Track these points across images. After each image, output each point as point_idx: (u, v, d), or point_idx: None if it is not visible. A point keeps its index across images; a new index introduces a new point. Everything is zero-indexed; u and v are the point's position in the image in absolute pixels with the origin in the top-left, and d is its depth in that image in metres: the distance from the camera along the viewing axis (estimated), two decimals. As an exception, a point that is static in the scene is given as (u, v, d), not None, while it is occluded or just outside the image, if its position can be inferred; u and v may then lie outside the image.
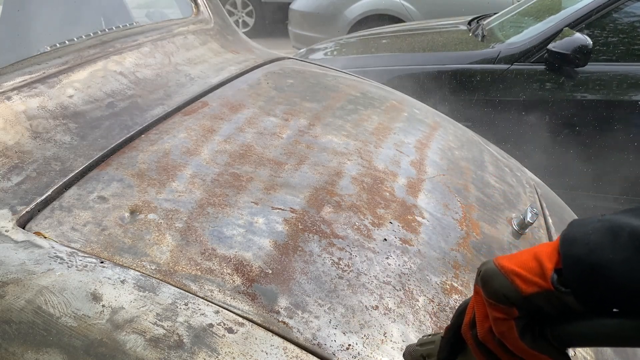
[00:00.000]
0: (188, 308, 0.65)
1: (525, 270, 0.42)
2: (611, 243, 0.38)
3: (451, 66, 2.79)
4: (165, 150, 0.99)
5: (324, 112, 1.29)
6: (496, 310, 0.44)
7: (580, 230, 0.41)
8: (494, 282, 0.44)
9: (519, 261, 0.43)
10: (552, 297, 0.41)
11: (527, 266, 0.42)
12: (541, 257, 0.42)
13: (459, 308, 0.53)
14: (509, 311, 0.43)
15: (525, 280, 0.42)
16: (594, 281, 0.39)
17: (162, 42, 1.40)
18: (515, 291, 0.42)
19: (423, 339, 0.61)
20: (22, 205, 0.78)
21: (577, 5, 2.79)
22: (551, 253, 0.42)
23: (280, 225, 0.84)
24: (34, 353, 0.60)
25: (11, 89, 0.98)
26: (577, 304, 0.40)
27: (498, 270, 0.44)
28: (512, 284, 0.42)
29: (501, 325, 0.44)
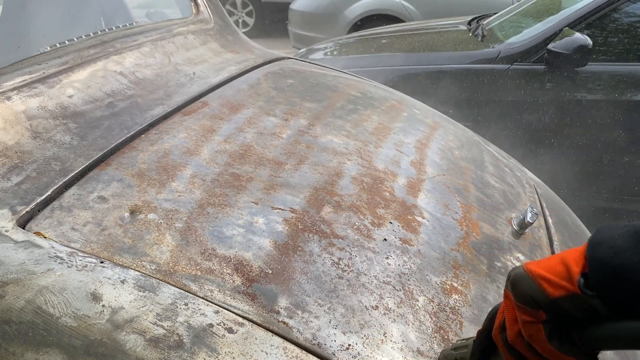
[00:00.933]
0: (188, 308, 0.65)
1: (552, 274, 0.43)
2: (636, 246, 0.39)
3: (451, 66, 2.79)
4: (165, 150, 0.99)
5: (324, 112, 1.29)
6: (525, 314, 0.45)
7: (606, 235, 0.42)
8: (522, 285, 0.45)
9: (546, 266, 0.44)
10: (578, 300, 0.42)
11: (555, 270, 0.44)
12: (568, 262, 0.43)
13: (490, 312, 0.54)
14: (537, 314, 0.44)
15: (553, 283, 0.43)
16: (618, 284, 0.39)
17: (162, 42, 1.40)
18: (543, 294, 0.43)
19: (457, 343, 0.63)
20: (22, 205, 0.78)
21: (577, 5, 2.79)
22: (578, 257, 0.43)
23: (280, 225, 0.84)
24: (34, 353, 0.60)
25: (11, 89, 0.98)
26: (603, 307, 0.41)
27: (527, 274, 0.45)
28: (539, 287, 0.44)
29: (530, 328, 0.45)
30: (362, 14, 5.45)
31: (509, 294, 0.47)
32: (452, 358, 0.63)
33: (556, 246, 1.14)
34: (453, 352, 0.63)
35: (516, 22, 3.21)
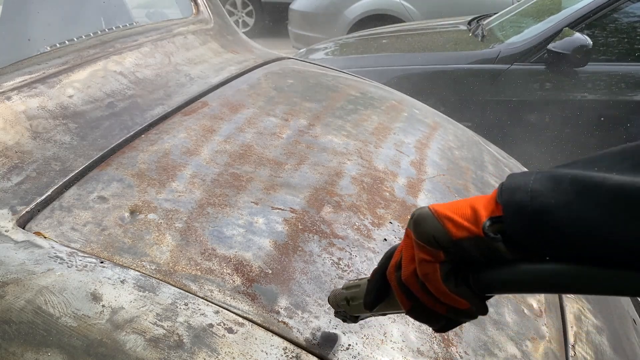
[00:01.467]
0: (188, 308, 0.65)
1: (458, 216, 0.43)
2: (553, 189, 0.39)
3: (451, 66, 2.79)
4: (165, 150, 0.99)
5: (324, 112, 1.29)
6: (423, 252, 0.45)
7: (521, 180, 0.41)
8: (426, 224, 0.45)
9: (453, 207, 0.44)
10: (481, 243, 0.42)
11: (461, 212, 0.43)
12: (476, 205, 0.43)
13: (387, 252, 0.54)
14: (436, 254, 0.44)
15: (457, 224, 0.43)
16: (536, 226, 0.39)
17: (162, 42, 1.40)
18: (446, 234, 0.43)
19: (349, 283, 0.61)
20: (22, 205, 0.78)
21: (577, 5, 2.79)
22: (487, 202, 0.43)
23: (280, 225, 0.84)
24: (34, 353, 0.60)
25: (11, 89, 0.98)
26: (506, 250, 0.41)
27: (432, 214, 0.45)
28: (443, 227, 0.43)
29: (426, 267, 0.45)
30: (362, 14, 5.45)
31: (410, 232, 0.47)
32: (342, 297, 0.61)
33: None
34: (344, 291, 0.61)
35: (516, 22, 3.21)
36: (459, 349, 0.73)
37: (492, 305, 0.84)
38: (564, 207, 0.38)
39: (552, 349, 0.82)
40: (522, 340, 0.80)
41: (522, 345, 0.79)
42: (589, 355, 0.85)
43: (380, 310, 0.56)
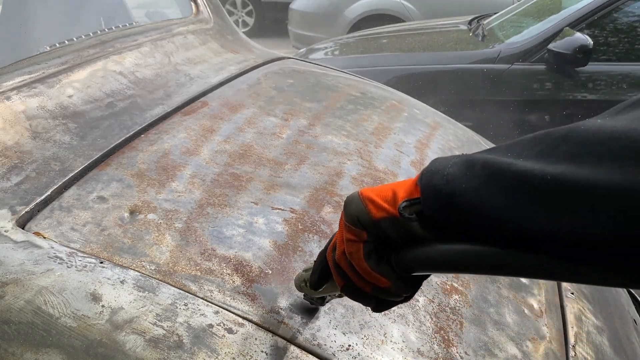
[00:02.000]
0: (188, 308, 0.65)
1: (379, 198, 0.46)
2: (465, 174, 0.41)
3: (451, 66, 2.79)
4: (165, 150, 0.99)
5: (324, 112, 1.29)
6: (349, 233, 0.48)
7: (440, 164, 0.44)
8: (352, 206, 0.48)
9: (378, 191, 0.47)
10: (398, 223, 0.44)
11: (383, 195, 0.46)
12: (397, 188, 0.46)
13: (333, 235, 0.56)
14: (360, 234, 0.47)
15: (377, 205, 0.46)
16: (449, 209, 0.41)
17: (162, 42, 1.40)
18: (367, 215, 0.46)
19: (308, 265, 0.65)
20: (21, 206, 0.78)
21: (577, 5, 2.79)
22: (408, 185, 0.46)
23: (280, 226, 0.84)
24: (34, 353, 0.59)
25: (11, 88, 0.98)
26: (421, 231, 0.44)
27: (357, 196, 0.48)
28: (365, 208, 0.46)
29: (351, 246, 0.48)
30: (362, 14, 5.45)
31: (341, 220, 0.50)
32: (302, 279, 0.65)
33: (556, 246, 1.14)
34: (304, 273, 0.65)
35: (516, 22, 3.21)
36: (459, 350, 0.73)
37: (492, 305, 0.84)
38: (473, 191, 0.40)
39: (553, 349, 0.81)
40: (523, 340, 0.80)
41: (523, 346, 0.79)
42: (589, 355, 0.85)
43: (327, 291, 0.60)
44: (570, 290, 0.99)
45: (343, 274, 0.51)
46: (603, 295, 1.10)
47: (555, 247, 0.36)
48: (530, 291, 0.93)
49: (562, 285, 1.00)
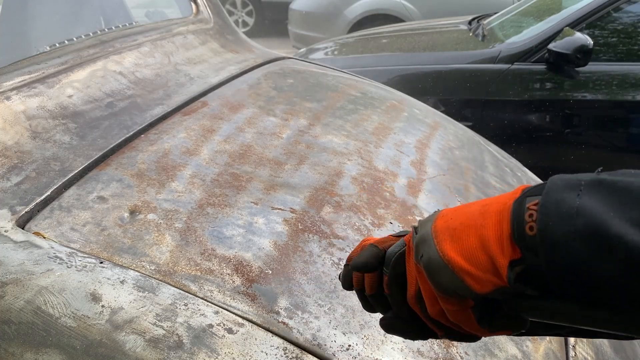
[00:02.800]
0: (188, 308, 0.65)
1: (476, 268, 0.39)
2: (600, 258, 0.34)
3: (451, 66, 2.79)
4: (164, 150, 0.99)
5: (324, 112, 1.29)
6: (449, 303, 0.42)
7: (561, 230, 0.35)
8: (443, 277, 0.41)
9: (466, 252, 0.40)
10: (507, 291, 0.38)
11: (478, 262, 0.39)
12: (491, 250, 0.38)
13: (393, 260, 0.49)
14: (464, 302, 0.41)
15: (479, 280, 0.39)
16: (575, 284, 0.35)
17: (162, 41, 1.40)
18: (469, 290, 0.39)
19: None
20: (21, 206, 0.78)
21: (577, 5, 2.78)
22: (503, 243, 0.38)
23: (280, 226, 0.84)
24: (33, 353, 0.59)
25: (10, 89, 0.98)
26: (534, 292, 0.38)
27: (445, 264, 0.40)
28: (463, 282, 0.39)
29: (457, 315, 0.42)
30: (362, 14, 5.45)
31: (424, 276, 0.43)
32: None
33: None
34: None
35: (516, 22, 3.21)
36: (459, 350, 0.73)
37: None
38: (612, 279, 0.33)
39: (553, 349, 0.81)
40: (523, 340, 0.80)
41: (523, 346, 0.79)
42: (589, 355, 0.85)
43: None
44: (570, 290, 0.99)
45: (443, 326, 0.46)
46: (603, 295, 1.10)
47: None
48: (530, 291, 0.92)
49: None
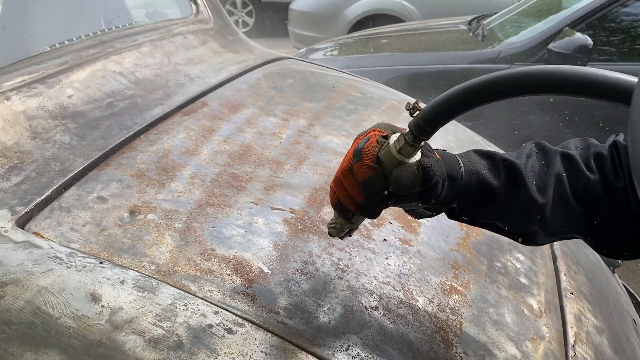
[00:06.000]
0: (187, 308, 0.65)
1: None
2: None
3: (451, 66, 2.79)
4: (164, 150, 0.99)
5: (324, 112, 1.29)
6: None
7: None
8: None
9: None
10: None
11: None
12: None
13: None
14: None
15: None
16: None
17: (162, 42, 1.40)
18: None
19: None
20: (21, 206, 0.78)
21: (577, 5, 2.79)
22: None
23: (279, 226, 0.84)
24: (33, 354, 0.60)
25: (10, 89, 0.98)
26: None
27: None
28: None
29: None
30: (362, 14, 5.45)
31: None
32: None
33: (556, 246, 1.14)
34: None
35: (516, 22, 3.21)
36: (458, 350, 0.73)
37: (491, 305, 0.84)
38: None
39: (552, 350, 0.81)
40: (522, 340, 0.80)
41: (522, 346, 0.79)
42: (589, 355, 0.85)
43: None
44: (570, 291, 0.99)
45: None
46: (603, 296, 1.10)
47: None
48: (530, 291, 0.93)
49: (562, 285, 1.00)
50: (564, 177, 0.65)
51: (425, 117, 0.57)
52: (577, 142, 0.71)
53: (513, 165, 0.65)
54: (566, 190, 0.64)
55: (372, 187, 0.61)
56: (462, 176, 0.64)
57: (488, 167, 0.66)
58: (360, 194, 0.62)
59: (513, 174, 0.65)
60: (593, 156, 0.67)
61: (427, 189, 0.61)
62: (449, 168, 0.63)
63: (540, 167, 0.66)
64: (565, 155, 0.67)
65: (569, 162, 0.66)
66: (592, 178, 0.65)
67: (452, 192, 0.64)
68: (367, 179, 0.60)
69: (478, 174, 0.65)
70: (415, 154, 0.60)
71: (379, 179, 0.60)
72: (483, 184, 0.65)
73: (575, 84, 0.51)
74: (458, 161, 0.65)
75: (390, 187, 0.60)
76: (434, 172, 0.60)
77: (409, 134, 0.58)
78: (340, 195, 0.64)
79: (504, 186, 0.65)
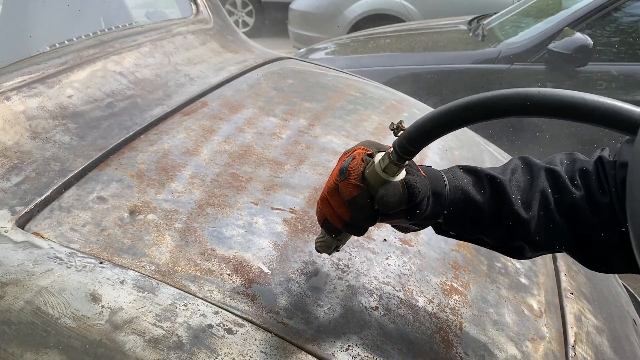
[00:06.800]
0: (187, 309, 0.65)
1: None
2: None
3: (451, 66, 2.79)
4: (164, 150, 0.99)
5: (324, 112, 1.29)
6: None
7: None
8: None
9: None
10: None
11: None
12: None
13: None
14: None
15: None
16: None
17: (162, 42, 1.40)
18: None
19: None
20: (21, 206, 0.78)
21: (577, 5, 2.79)
22: None
23: (279, 226, 0.84)
24: (33, 354, 0.60)
25: (10, 89, 0.98)
26: None
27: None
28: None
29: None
30: (362, 14, 5.45)
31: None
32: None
33: (556, 246, 1.14)
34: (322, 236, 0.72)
35: (516, 22, 3.21)
36: (458, 350, 0.73)
37: (491, 305, 0.84)
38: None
39: (552, 350, 0.81)
40: (522, 340, 0.80)
41: (522, 346, 0.79)
42: (589, 355, 0.85)
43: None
44: (570, 291, 0.99)
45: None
46: (603, 296, 1.10)
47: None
48: (530, 291, 0.93)
49: (562, 285, 1.00)
50: (548, 192, 0.65)
51: (409, 137, 0.57)
52: (563, 157, 0.71)
53: (497, 181, 0.66)
54: (551, 206, 0.65)
55: (358, 206, 0.61)
56: (446, 192, 0.65)
57: (472, 183, 0.67)
58: (346, 212, 0.63)
59: (497, 189, 0.66)
60: (578, 172, 0.67)
61: (412, 206, 0.62)
62: (433, 184, 0.64)
63: (525, 183, 0.67)
64: (550, 170, 0.68)
65: (554, 178, 0.67)
66: (577, 194, 0.65)
67: (437, 208, 0.65)
68: (353, 198, 0.61)
69: (463, 190, 0.66)
70: (399, 172, 0.61)
71: (365, 198, 0.61)
72: (468, 199, 0.65)
73: (554, 107, 0.51)
74: (443, 177, 0.66)
75: (375, 205, 0.61)
76: (418, 190, 0.61)
77: (394, 153, 0.59)
78: (327, 213, 0.65)
79: (488, 202, 0.65)
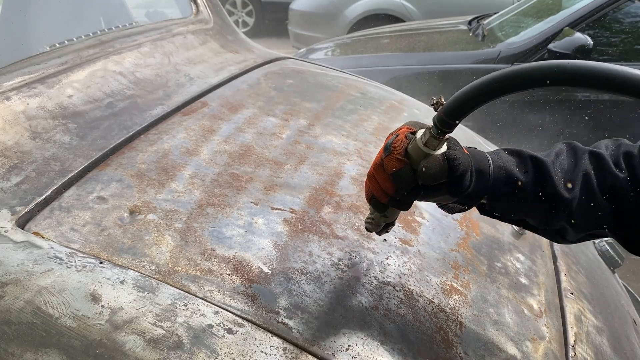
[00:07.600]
0: (187, 309, 0.65)
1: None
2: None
3: (451, 66, 2.79)
4: (164, 150, 0.99)
5: (324, 112, 1.29)
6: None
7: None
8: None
9: None
10: None
11: None
12: None
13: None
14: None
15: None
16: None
17: (162, 42, 1.40)
18: None
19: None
20: (21, 206, 0.78)
21: (577, 5, 2.79)
22: None
23: (279, 226, 0.84)
24: (33, 354, 0.60)
25: (10, 89, 0.98)
26: None
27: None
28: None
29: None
30: (362, 14, 5.45)
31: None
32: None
33: (556, 246, 1.14)
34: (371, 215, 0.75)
35: (516, 22, 3.21)
36: (458, 350, 0.73)
37: (492, 305, 0.84)
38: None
39: (552, 350, 0.81)
40: (522, 340, 0.80)
41: (522, 346, 0.79)
42: (589, 355, 0.85)
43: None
44: (570, 291, 0.99)
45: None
46: (603, 295, 1.10)
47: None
48: (530, 291, 0.93)
49: (562, 285, 1.00)
50: (591, 174, 0.66)
51: (448, 110, 0.60)
52: (609, 142, 0.72)
53: (540, 162, 0.67)
54: (593, 187, 0.66)
55: (401, 179, 0.64)
56: (490, 171, 0.66)
57: (516, 164, 0.68)
58: (391, 186, 0.65)
59: (540, 170, 0.67)
60: (622, 155, 0.68)
61: (454, 180, 0.63)
62: (477, 162, 0.66)
63: (568, 165, 0.68)
64: (594, 153, 0.69)
65: (598, 161, 0.68)
66: (620, 176, 0.65)
67: (481, 186, 0.66)
68: (397, 171, 0.64)
69: (506, 170, 0.67)
70: (440, 146, 0.63)
71: (408, 171, 0.63)
72: (511, 179, 0.66)
73: (585, 76, 0.53)
74: (487, 157, 0.67)
75: (418, 178, 0.63)
76: (459, 163, 0.63)
77: (434, 127, 0.61)
78: (374, 188, 0.68)
79: (531, 182, 0.66)
